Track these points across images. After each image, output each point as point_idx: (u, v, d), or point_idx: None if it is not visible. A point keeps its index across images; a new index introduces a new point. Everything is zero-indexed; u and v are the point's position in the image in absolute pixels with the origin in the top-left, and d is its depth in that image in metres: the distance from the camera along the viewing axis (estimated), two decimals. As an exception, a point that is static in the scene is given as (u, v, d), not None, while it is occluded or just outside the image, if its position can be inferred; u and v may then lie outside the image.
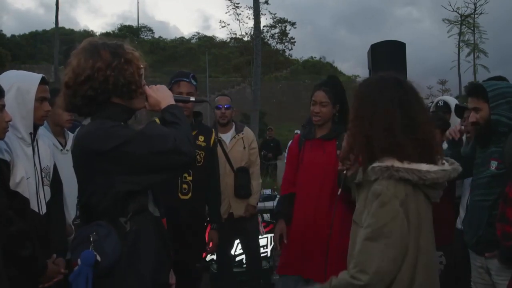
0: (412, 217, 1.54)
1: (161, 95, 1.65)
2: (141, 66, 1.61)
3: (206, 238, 4.94)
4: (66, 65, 1.59)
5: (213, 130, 3.19)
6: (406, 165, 1.55)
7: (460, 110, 2.95)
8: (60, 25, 33.81)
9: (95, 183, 1.53)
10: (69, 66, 1.56)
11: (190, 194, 2.84)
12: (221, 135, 3.79)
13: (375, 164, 1.59)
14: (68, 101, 1.58)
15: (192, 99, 1.97)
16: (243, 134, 3.88)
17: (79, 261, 1.50)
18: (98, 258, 1.48)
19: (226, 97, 4.03)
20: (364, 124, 1.63)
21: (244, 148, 3.84)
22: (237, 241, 4.28)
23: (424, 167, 1.56)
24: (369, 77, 1.76)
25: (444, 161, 1.65)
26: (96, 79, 1.51)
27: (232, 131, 3.88)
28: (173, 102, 1.65)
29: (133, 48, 1.62)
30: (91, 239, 1.50)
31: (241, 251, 4.44)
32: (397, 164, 1.55)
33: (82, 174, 1.60)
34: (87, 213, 1.61)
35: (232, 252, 4.37)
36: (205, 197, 3.02)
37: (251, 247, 4.01)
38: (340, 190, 2.13)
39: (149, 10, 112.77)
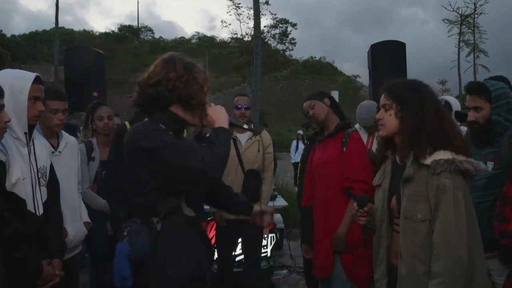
0: (468, 205, 1.69)
1: (218, 116, 1.76)
2: (206, 86, 1.76)
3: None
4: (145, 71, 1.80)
5: None
6: (463, 157, 1.68)
7: (460, 116, 2.94)
8: (69, 26, 33.84)
9: (135, 177, 1.67)
10: (146, 71, 1.76)
11: None
12: (237, 134, 3.77)
13: (438, 157, 1.68)
14: (136, 98, 1.77)
15: (245, 126, 2.06)
16: (260, 137, 3.81)
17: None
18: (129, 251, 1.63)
19: (245, 97, 3.95)
20: (418, 119, 1.74)
21: (259, 151, 3.77)
22: (239, 239, 4.25)
23: (472, 159, 1.70)
24: (407, 80, 1.89)
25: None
26: (164, 85, 1.69)
27: (249, 133, 3.78)
28: (226, 125, 1.75)
29: (203, 69, 1.78)
30: (125, 233, 1.66)
31: (241, 251, 4.42)
32: (457, 157, 1.67)
33: (128, 168, 1.72)
34: (129, 207, 1.77)
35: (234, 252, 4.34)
36: None
37: (251, 252, 3.89)
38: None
39: (156, 10, 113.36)
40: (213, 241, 4.73)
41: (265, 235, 4.68)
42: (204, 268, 1.77)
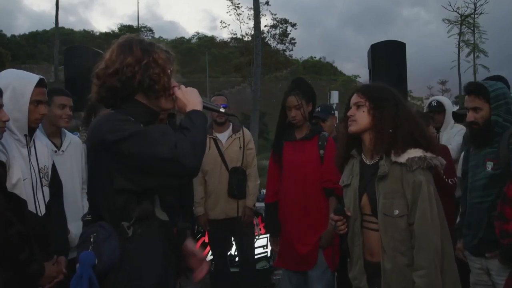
0: (436, 197, 1.84)
1: (189, 98, 1.58)
2: (169, 67, 1.58)
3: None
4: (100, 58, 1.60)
5: None
6: (431, 154, 1.83)
7: (458, 116, 2.94)
8: (72, 27, 33.89)
9: (99, 177, 1.50)
10: (102, 59, 1.57)
11: None
12: (217, 134, 3.81)
13: (412, 155, 1.81)
14: (96, 91, 1.58)
15: (222, 110, 1.83)
16: (239, 134, 3.86)
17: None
18: (95, 260, 1.44)
19: (222, 96, 4.04)
20: (393, 118, 1.86)
21: (240, 148, 3.81)
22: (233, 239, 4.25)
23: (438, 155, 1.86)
24: (378, 83, 2.02)
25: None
26: (124, 73, 1.51)
27: (228, 131, 3.87)
28: (199, 108, 1.57)
29: (165, 49, 1.61)
30: (91, 239, 1.46)
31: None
32: (427, 154, 1.82)
33: (91, 165, 1.57)
34: (94, 210, 1.59)
35: (230, 252, 4.34)
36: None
37: (245, 250, 3.92)
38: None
39: (159, 10, 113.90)
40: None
41: (262, 235, 4.69)
42: (172, 276, 1.63)
